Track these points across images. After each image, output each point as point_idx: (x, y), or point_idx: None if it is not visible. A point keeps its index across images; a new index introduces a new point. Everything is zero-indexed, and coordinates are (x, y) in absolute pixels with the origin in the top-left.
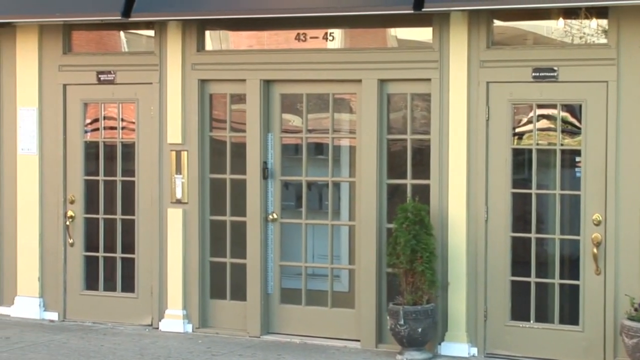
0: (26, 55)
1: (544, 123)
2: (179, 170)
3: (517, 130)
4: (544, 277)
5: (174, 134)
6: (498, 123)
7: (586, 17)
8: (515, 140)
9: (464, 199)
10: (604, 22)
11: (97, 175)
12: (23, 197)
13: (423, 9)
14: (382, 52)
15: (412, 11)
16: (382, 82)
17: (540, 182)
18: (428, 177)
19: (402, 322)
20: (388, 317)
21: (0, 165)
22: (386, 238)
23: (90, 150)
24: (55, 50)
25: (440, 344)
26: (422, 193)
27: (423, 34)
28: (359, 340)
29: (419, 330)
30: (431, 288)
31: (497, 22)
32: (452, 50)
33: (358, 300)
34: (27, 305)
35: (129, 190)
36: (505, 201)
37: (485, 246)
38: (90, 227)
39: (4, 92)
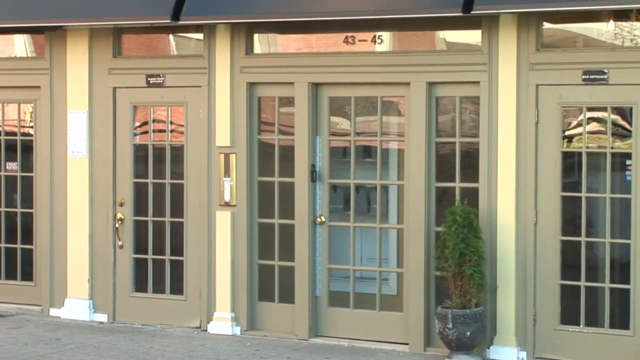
0: (77, 58)
1: (594, 126)
2: (227, 173)
3: (567, 133)
4: (594, 281)
5: (222, 137)
6: (547, 126)
7: (637, 19)
8: (565, 143)
9: (513, 202)
10: None
11: (146, 177)
12: (73, 199)
13: (472, 12)
14: (431, 54)
15: (461, 14)
16: (431, 84)
17: (590, 186)
18: (477, 180)
19: (450, 325)
20: (436, 321)
21: (51, 168)
22: (434, 241)
23: (140, 152)
24: (106, 54)
25: (489, 347)
26: (471, 196)
27: (472, 36)
28: (407, 344)
29: (468, 333)
30: (480, 291)
31: (546, 25)
32: (501, 53)
33: (406, 303)
34: (77, 307)
35: (177, 192)
36: (555, 204)
37: (534, 250)
38: (139, 230)
39: (54, 95)
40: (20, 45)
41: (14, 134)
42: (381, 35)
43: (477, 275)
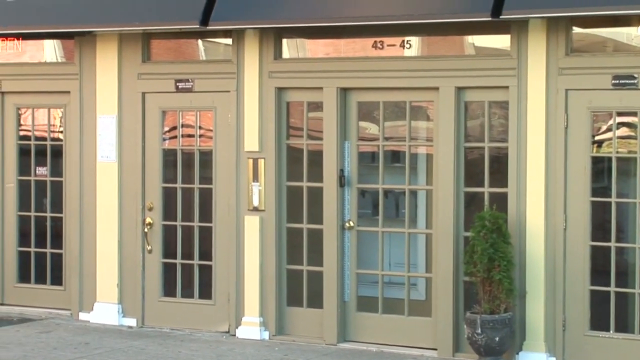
0: (106, 63)
1: (623, 131)
2: (256, 177)
3: (597, 138)
4: (623, 286)
5: (251, 142)
6: (577, 131)
7: None
8: (595, 148)
9: (542, 207)
10: None
11: (175, 182)
12: (102, 204)
13: (501, 16)
14: (460, 59)
15: (490, 18)
16: (460, 89)
17: (620, 191)
18: (506, 185)
19: (479, 331)
20: (465, 326)
21: (80, 173)
22: (463, 246)
23: (168, 157)
24: (135, 59)
25: (518, 353)
26: (500, 201)
27: (501, 41)
28: (435, 349)
29: (497, 339)
30: (509, 297)
31: (576, 29)
32: (530, 58)
33: (435, 308)
34: (106, 311)
35: (206, 197)
36: (584, 210)
37: (563, 255)
38: (168, 234)
39: (84, 100)
40: (50, 50)
41: (44, 139)
42: (410, 40)
43: (506, 280)
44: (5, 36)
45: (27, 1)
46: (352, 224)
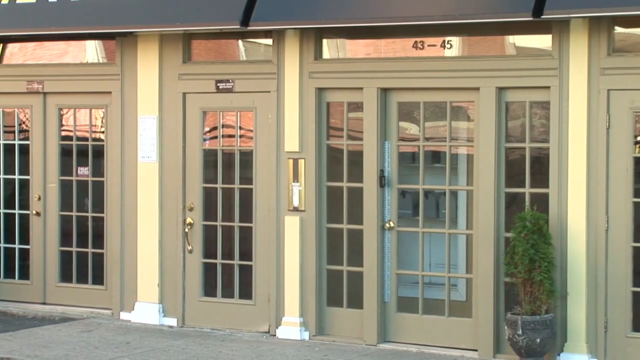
0: (147, 64)
1: None
2: (296, 178)
3: (639, 138)
4: None
5: (291, 142)
6: (619, 131)
7: None
8: (637, 149)
9: (583, 208)
10: None
11: (215, 182)
12: (143, 204)
13: (542, 16)
14: (500, 59)
15: (531, 18)
16: (500, 89)
17: None
18: (547, 186)
19: (520, 332)
20: (506, 327)
21: (121, 173)
22: (504, 247)
23: (209, 158)
24: (176, 59)
25: (559, 354)
26: (541, 202)
27: (542, 41)
28: (476, 350)
29: (538, 340)
30: (550, 298)
31: (618, 29)
32: (572, 58)
33: (475, 309)
34: (146, 311)
35: (246, 197)
36: (627, 210)
37: (605, 256)
38: (209, 234)
39: (125, 100)
40: (91, 51)
41: (86, 139)
42: (450, 40)
43: (547, 281)
44: (48, 37)
45: (69, 2)
46: (392, 224)
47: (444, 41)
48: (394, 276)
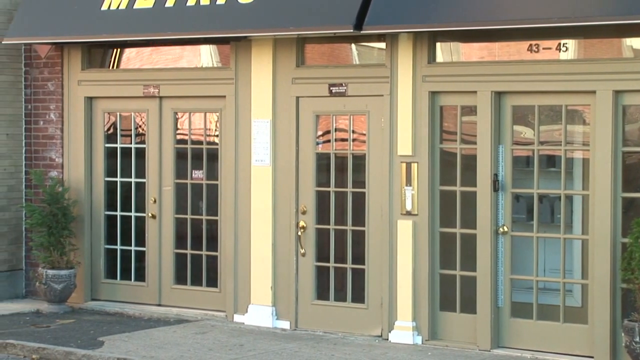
0: (261, 68)
1: None
2: (409, 181)
3: None
4: None
5: (404, 146)
6: None
7: None
8: None
9: None
10: None
11: (328, 186)
12: (257, 207)
13: None
14: (618, 62)
15: None
16: (617, 93)
17: None
18: None
19: (637, 339)
20: (623, 334)
21: (235, 176)
22: (620, 253)
23: (322, 161)
24: (289, 63)
25: None
26: None
27: None
28: (592, 357)
29: None
30: None
31: None
32: None
33: (591, 315)
34: (260, 314)
35: (359, 201)
36: None
37: None
38: (321, 238)
39: (239, 104)
40: (206, 55)
41: (200, 142)
42: (566, 43)
43: None
44: (164, 42)
45: (184, 7)
46: (506, 229)
47: (559, 44)
48: (507, 281)
